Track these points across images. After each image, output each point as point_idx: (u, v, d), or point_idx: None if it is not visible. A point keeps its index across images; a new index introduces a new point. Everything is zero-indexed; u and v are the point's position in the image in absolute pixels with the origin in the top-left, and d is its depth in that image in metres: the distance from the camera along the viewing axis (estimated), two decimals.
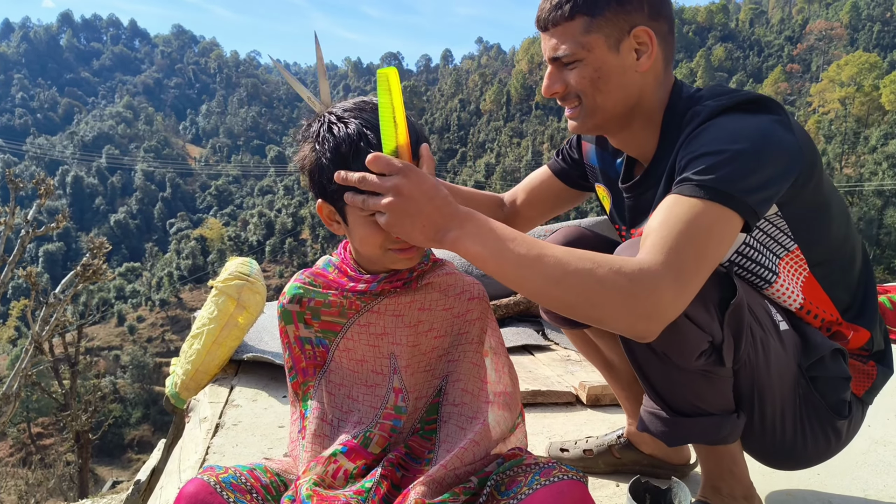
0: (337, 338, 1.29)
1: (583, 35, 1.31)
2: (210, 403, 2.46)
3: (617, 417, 2.36)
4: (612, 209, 1.62)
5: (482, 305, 1.31)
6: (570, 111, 1.42)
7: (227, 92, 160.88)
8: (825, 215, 1.37)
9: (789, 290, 1.41)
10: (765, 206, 1.18)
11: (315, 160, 1.16)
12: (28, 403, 29.87)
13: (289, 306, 1.31)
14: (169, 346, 54.14)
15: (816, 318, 1.44)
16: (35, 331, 5.54)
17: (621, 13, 1.30)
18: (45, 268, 66.77)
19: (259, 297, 2.80)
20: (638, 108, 1.39)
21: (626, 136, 1.45)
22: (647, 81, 1.36)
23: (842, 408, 1.44)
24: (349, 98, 1.21)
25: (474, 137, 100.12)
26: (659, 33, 1.33)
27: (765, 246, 1.37)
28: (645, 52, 1.33)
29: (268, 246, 71.59)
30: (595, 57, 1.32)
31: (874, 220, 44.88)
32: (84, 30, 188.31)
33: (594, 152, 1.64)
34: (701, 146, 1.21)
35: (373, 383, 1.28)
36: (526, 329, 3.36)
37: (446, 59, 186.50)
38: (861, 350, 1.48)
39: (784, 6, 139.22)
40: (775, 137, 1.21)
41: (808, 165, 1.26)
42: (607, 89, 1.34)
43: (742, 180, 1.15)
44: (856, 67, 72.53)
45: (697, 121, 1.28)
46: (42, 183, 6.08)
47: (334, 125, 1.14)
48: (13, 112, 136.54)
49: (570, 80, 1.36)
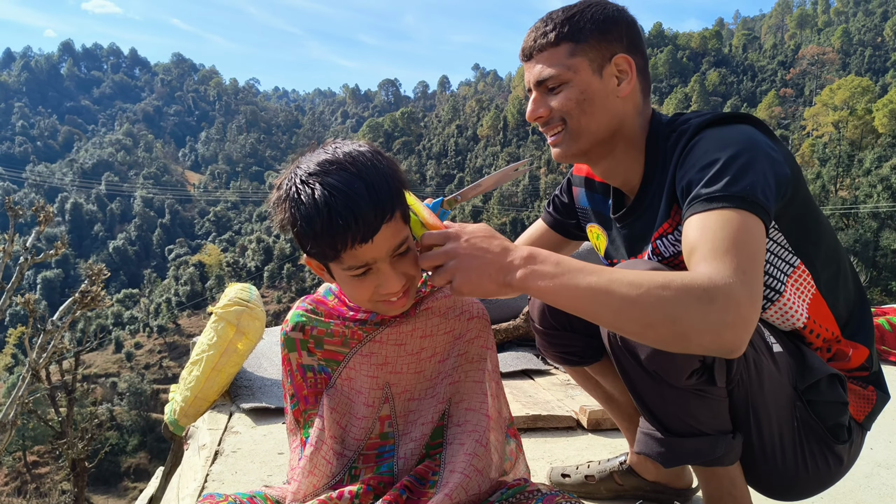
0: (339, 367, 1.30)
1: (568, 58, 1.38)
2: (209, 430, 2.45)
3: (618, 442, 2.35)
4: (607, 247, 1.64)
5: (482, 323, 1.32)
6: (553, 137, 1.46)
7: (227, 119, 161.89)
8: (817, 228, 1.40)
9: (794, 307, 1.41)
10: (772, 206, 1.20)
11: (291, 227, 1.12)
12: (24, 431, 29.59)
13: (292, 334, 1.31)
14: (166, 372, 53.80)
15: (819, 338, 1.45)
16: (32, 358, 5.52)
17: (603, 41, 1.38)
18: (43, 295, 66.57)
19: (258, 322, 2.79)
20: (620, 133, 1.43)
21: (610, 163, 1.48)
22: (627, 108, 1.42)
23: (840, 432, 1.43)
24: (334, 141, 1.18)
25: (472, 162, 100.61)
26: (637, 64, 1.41)
27: (770, 263, 1.38)
28: (625, 79, 1.40)
29: (266, 271, 71.50)
30: (580, 79, 1.38)
31: (870, 242, 44.93)
32: (85, 58, 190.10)
33: (584, 195, 1.68)
34: (696, 161, 1.25)
35: (362, 415, 1.29)
36: (526, 353, 3.35)
37: (443, 86, 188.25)
38: (861, 371, 1.49)
39: (776, 32, 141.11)
40: (762, 142, 1.26)
41: (794, 174, 1.30)
42: (592, 111, 1.39)
43: (747, 182, 1.18)
44: (848, 91, 73.23)
45: (686, 138, 1.33)
46: (41, 210, 6.09)
47: (301, 193, 1.08)
48: (13, 140, 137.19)
49: (554, 103, 1.41)
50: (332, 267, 1.15)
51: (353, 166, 1.09)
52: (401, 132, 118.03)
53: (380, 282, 1.14)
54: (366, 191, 1.06)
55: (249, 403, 2.61)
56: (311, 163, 1.12)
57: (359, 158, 1.10)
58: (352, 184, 1.07)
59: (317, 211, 1.06)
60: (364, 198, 1.06)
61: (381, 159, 1.13)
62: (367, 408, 1.28)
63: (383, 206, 1.07)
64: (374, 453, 1.26)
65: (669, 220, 1.37)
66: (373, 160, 1.11)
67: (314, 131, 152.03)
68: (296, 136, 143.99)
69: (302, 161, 1.14)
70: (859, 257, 41.74)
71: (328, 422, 1.28)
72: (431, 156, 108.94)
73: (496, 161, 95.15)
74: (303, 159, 1.15)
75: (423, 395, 1.28)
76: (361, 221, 1.05)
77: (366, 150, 1.14)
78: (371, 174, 1.09)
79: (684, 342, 1.04)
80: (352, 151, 1.12)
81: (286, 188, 1.12)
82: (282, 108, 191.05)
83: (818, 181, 53.92)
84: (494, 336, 3.32)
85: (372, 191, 1.07)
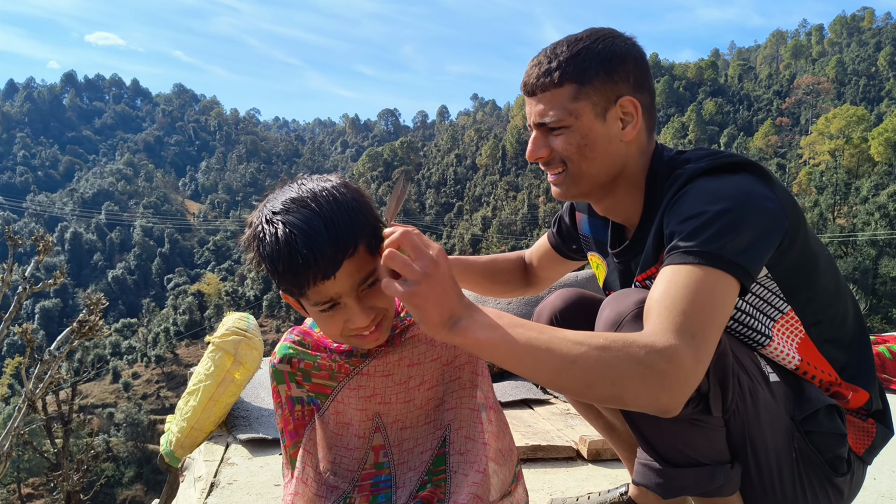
0: (328, 400, 1.29)
1: (571, 102, 1.34)
2: (205, 461, 2.42)
3: (619, 472, 2.33)
4: (605, 277, 1.63)
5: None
6: (553, 177, 1.44)
7: (227, 148, 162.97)
8: (814, 272, 1.37)
9: (784, 351, 1.40)
10: (756, 266, 1.18)
11: (258, 266, 1.13)
12: (19, 463, 29.28)
13: (279, 366, 1.31)
14: (164, 402, 53.37)
15: (814, 379, 1.43)
16: (29, 388, 5.48)
17: (609, 83, 1.33)
18: (41, 324, 66.28)
19: (256, 352, 2.78)
20: (621, 176, 1.41)
21: (610, 202, 1.47)
22: (630, 150, 1.39)
23: (840, 464, 1.41)
24: (302, 177, 1.18)
25: (471, 191, 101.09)
26: (643, 104, 1.37)
27: (758, 309, 1.37)
28: (630, 123, 1.36)
29: (265, 301, 71.33)
30: (582, 124, 1.34)
31: (869, 270, 44.99)
32: (87, 89, 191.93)
33: (587, 221, 1.67)
34: (683, 211, 1.22)
35: (353, 447, 1.28)
36: (524, 382, 3.33)
37: (442, 115, 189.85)
38: (860, 409, 1.47)
39: (771, 62, 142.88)
40: (757, 195, 1.22)
41: (793, 224, 1.27)
42: (593, 156, 1.36)
43: (728, 241, 1.15)
44: (844, 120, 73.89)
45: (678, 184, 1.29)
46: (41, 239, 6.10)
47: (266, 233, 1.09)
48: (14, 170, 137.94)
49: (555, 145, 1.38)
50: (302, 302, 1.16)
51: (314, 203, 1.08)
52: (400, 161, 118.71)
53: (348, 317, 1.13)
54: (324, 227, 1.06)
55: (246, 434, 2.59)
56: (277, 201, 1.12)
57: (320, 195, 1.10)
58: (311, 221, 1.06)
59: (278, 250, 1.07)
60: (322, 235, 1.05)
61: (345, 193, 1.12)
62: (358, 439, 1.28)
63: (344, 241, 1.06)
64: (368, 483, 1.25)
65: (657, 265, 1.35)
66: (335, 195, 1.10)
67: (314, 160, 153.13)
68: (296, 166, 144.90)
69: (270, 199, 1.14)
70: (858, 285, 41.77)
71: (321, 453, 1.28)
72: (431, 185, 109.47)
73: (495, 190, 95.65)
74: (272, 196, 1.15)
75: (416, 422, 1.28)
76: (321, 258, 1.05)
77: (330, 185, 1.13)
78: (331, 210, 1.08)
79: (622, 402, 1.06)
80: (314, 188, 1.12)
81: (255, 227, 1.13)
82: (282, 137, 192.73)
83: (816, 209, 54.17)
84: (491, 366, 3.31)
85: (331, 227, 1.06)
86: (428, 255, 1.05)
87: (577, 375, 1.03)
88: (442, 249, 1.08)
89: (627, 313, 1.25)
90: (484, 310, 1.08)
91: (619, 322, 1.26)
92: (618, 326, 1.26)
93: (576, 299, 1.63)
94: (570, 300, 1.63)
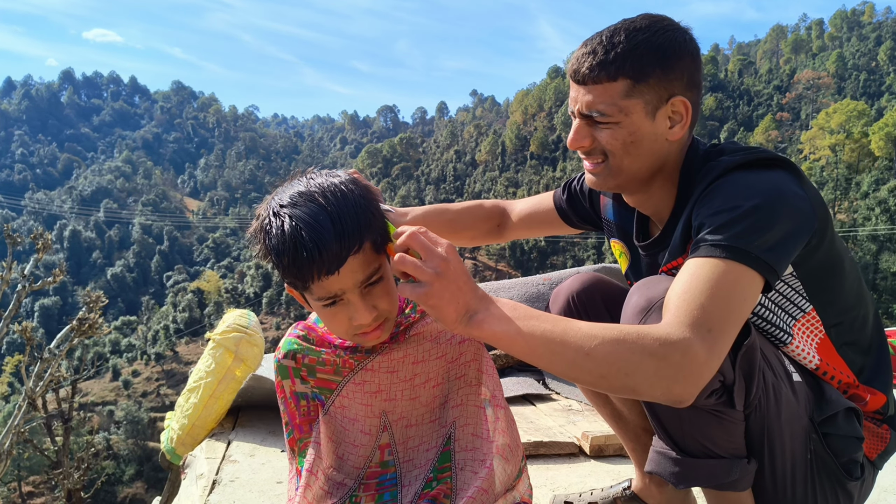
0: (332, 395, 1.29)
1: (623, 98, 1.30)
2: (207, 459, 2.41)
3: (621, 468, 2.32)
4: (628, 269, 1.62)
5: (475, 346, 1.30)
6: (592, 166, 1.41)
7: (226, 146, 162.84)
8: (839, 274, 1.36)
9: (804, 351, 1.39)
10: (783, 264, 1.18)
11: (264, 258, 1.14)
12: (19, 461, 29.28)
13: (284, 361, 1.31)
14: (164, 400, 53.42)
15: (833, 380, 1.43)
16: (29, 386, 5.47)
17: (664, 81, 1.30)
18: (40, 322, 66.28)
19: (257, 349, 2.77)
20: (660, 172, 1.40)
21: (643, 196, 1.46)
22: (672, 149, 1.37)
23: (853, 468, 1.41)
24: (312, 171, 1.18)
25: (470, 187, 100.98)
26: (693, 102, 1.34)
27: (780, 307, 1.36)
28: (678, 123, 1.34)
29: (265, 298, 71.32)
30: (631, 122, 1.31)
31: (870, 265, 45.03)
32: (85, 87, 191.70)
33: (612, 207, 1.65)
34: (715, 204, 1.21)
35: (359, 443, 1.28)
36: (526, 378, 3.33)
37: (441, 111, 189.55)
38: (876, 413, 1.47)
39: (771, 57, 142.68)
40: (790, 193, 1.21)
41: (821, 224, 1.26)
42: (637, 153, 1.34)
43: (758, 237, 1.15)
44: (844, 115, 73.79)
45: (711, 177, 1.28)
46: (40, 238, 6.08)
47: (272, 226, 1.10)
48: (13, 168, 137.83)
49: (600, 137, 1.35)
50: (306, 296, 1.16)
51: (322, 198, 1.09)
52: (399, 158, 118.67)
53: (350, 313, 1.14)
54: (331, 223, 1.06)
55: (247, 432, 2.58)
56: (285, 194, 1.12)
57: (328, 190, 1.10)
58: (318, 215, 1.07)
59: (284, 243, 1.07)
60: (328, 230, 1.06)
61: (353, 190, 1.12)
62: (364, 436, 1.27)
63: (350, 238, 1.07)
64: (374, 482, 1.25)
65: (684, 255, 1.34)
66: (343, 191, 1.11)
67: (313, 157, 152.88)
68: (295, 163, 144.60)
69: (278, 192, 1.15)
70: None
71: (325, 450, 1.27)
72: (430, 181, 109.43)
73: (494, 185, 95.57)
74: (280, 190, 1.15)
75: (421, 420, 1.27)
76: (326, 253, 1.05)
77: (339, 180, 1.13)
78: (338, 206, 1.08)
79: (635, 393, 1.07)
80: (323, 182, 1.12)
81: (262, 219, 1.14)
82: (281, 134, 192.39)
83: None
84: (495, 361, 3.30)
85: (338, 223, 1.07)
86: (438, 254, 1.05)
87: (592, 367, 1.05)
88: (451, 245, 1.08)
89: (658, 300, 1.24)
90: (498, 301, 1.09)
91: (650, 308, 1.25)
92: (647, 312, 1.25)
93: (593, 283, 1.63)
94: (587, 284, 1.63)
